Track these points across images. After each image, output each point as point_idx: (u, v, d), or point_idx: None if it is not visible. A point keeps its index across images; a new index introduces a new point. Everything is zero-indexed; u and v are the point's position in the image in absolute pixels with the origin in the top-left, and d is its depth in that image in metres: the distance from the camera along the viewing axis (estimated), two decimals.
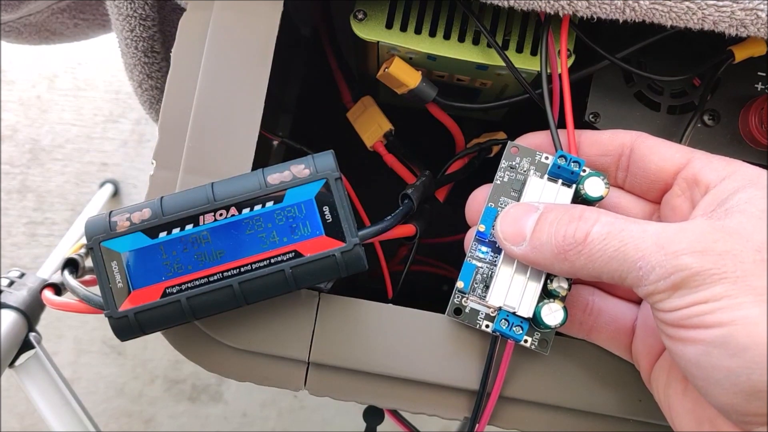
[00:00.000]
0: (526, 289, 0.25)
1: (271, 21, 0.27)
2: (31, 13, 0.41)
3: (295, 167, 0.24)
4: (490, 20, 0.29)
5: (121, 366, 0.84)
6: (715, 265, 0.19)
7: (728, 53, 0.29)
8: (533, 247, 0.23)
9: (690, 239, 0.20)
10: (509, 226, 0.24)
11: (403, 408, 0.27)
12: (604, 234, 0.21)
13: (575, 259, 0.22)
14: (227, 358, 0.27)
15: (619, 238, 0.21)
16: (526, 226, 0.23)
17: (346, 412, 0.84)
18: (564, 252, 0.22)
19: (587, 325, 0.26)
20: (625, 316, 0.26)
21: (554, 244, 0.22)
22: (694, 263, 0.19)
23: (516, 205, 0.25)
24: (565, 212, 0.23)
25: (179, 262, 0.23)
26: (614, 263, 0.21)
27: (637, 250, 0.20)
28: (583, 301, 0.27)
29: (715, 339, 0.19)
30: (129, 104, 0.90)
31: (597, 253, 0.21)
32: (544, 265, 0.23)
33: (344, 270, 0.24)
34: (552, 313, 0.24)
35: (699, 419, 0.22)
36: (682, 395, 0.23)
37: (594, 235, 0.21)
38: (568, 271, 0.22)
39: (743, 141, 0.31)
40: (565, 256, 0.22)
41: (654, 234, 0.21)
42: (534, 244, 0.23)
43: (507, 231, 0.24)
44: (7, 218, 0.87)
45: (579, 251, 0.22)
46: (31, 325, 0.48)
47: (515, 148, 0.27)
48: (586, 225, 0.22)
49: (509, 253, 0.24)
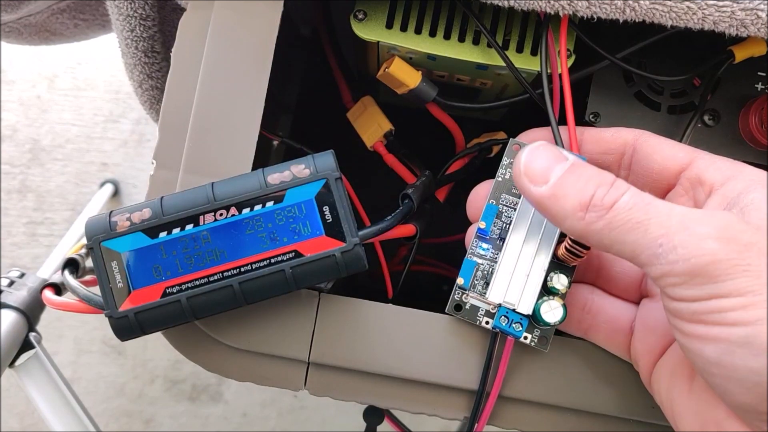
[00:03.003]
0: (526, 286, 0.25)
1: (271, 21, 0.27)
2: (31, 13, 0.41)
3: (295, 167, 0.24)
4: (490, 20, 0.29)
5: (121, 366, 0.84)
6: (740, 255, 0.19)
7: (728, 53, 0.29)
8: (553, 194, 0.22)
9: (717, 225, 0.19)
10: (536, 163, 0.23)
11: (403, 408, 0.27)
12: (631, 204, 0.20)
13: (594, 222, 0.21)
14: (227, 358, 0.27)
15: (645, 211, 0.20)
16: (553, 170, 0.22)
17: (346, 412, 0.84)
18: (584, 210, 0.21)
19: (585, 323, 0.26)
20: (623, 315, 0.26)
21: (578, 199, 0.21)
22: (719, 250, 0.19)
23: (546, 145, 0.23)
24: (597, 174, 0.22)
25: (179, 262, 0.23)
26: (634, 235, 0.20)
27: (661, 227, 0.20)
28: (581, 299, 0.26)
29: (738, 338, 0.18)
30: (129, 104, 0.90)
31: (619, 221, 0.20)
32: (555, 216, 0.22)
33: (344, 270, 0.24)
34: (551, 310, 0.24)
35: (704, 421, 0.21)
36: (687, 396, 0.22)
37: (621, 203, 0.21)
38: (579, 230, 0.21)
39: (743, 141, 0.31)
40: (585, 216, 0.21)
41: (680, 214, 0.20)
42: (556, 192, 0.22)
43: (532, 168, 0.23)
44: (7, 218, 0.87)
45: (601, 215, 0.21)
46: (31, 325, 0.48)
47: (517, 145, 0.27)
48: (616, 192, 0.21)
49: (525, 191, 0.23)
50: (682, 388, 0.23)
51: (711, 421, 0.21)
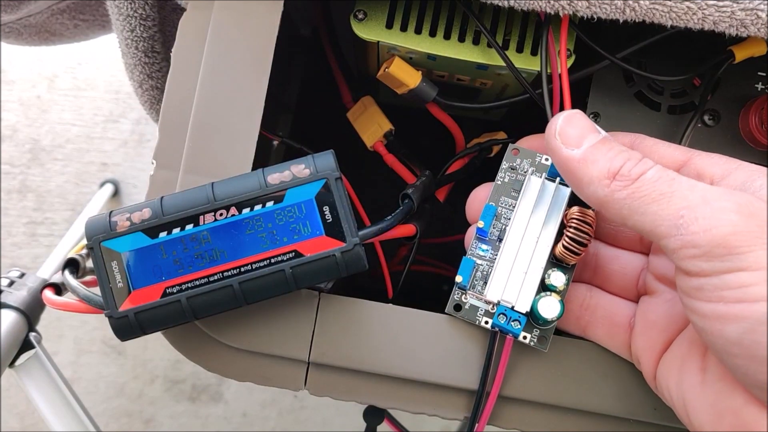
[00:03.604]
0: (524, 284, 0.25)
1: (271, 21, 0.27)
2: (30, 14, 0.41)
3: (295, 167, 0.24)
4: (490, 20, 0.29)
5: (121, 366, 0.84)
6: (760, 229, 0.19)
7: (728, 53, 0.29)
8: (584, 158, 0.23)
9: (737, 201, 0.20)
10: (572, 127, 0.24)
11: (404, 408, 0.27)
12: (656, 177, 0.21)
13: (618, 190, 0.21)
14: (227, 358, 0.27)
15: (668, 184, 0.21)
16: (587, 137, 0.23)
17: (346, 412, 0.84)
18: (611, 178, 0.22)
19: (584, 320, 0.27)
20: (621, 311, 0.26)
21: (606, 167, 0.22)
22: (740, 222, 0.19)
23: (583, 114, 0.24)
24: (627, 149, 0.23)
25: (179, 262, 0.23)
26: (656, 206, 0.21)
27: (684, 200, 0.20)
28: (579, 296, 0.27)
29: (761, 315, 0.18)
30: (129, 104, 0.90)
31: (643, 191, 0.21)
32: (580, 180, 0.23)
33: (344, 270, 0.24)
34: (549, 306, 0.25)
35: (720, 412, 0.21)
36: (700, 388, 0.22)
37: (648, 175, 0.21)
38: (601, 197, 0.22)
39: (743, 141, 0.31)
40: (609, 184, 0.22)
41: (702, 189, 0.20)
42: (586, 156, 0.23)
43: (568, 131, 0.23)
44: (7, 218, 0.87)
45: (626, 185, 0.21)
46: (31, 325, 0.48)
47: (516, 149, 0.27)
48: (644, 165, 0.22)
49: (555, 151, 0.24)
50: (693, 380, 0.22)
51: (728, 411, 0.21)
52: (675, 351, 0.24)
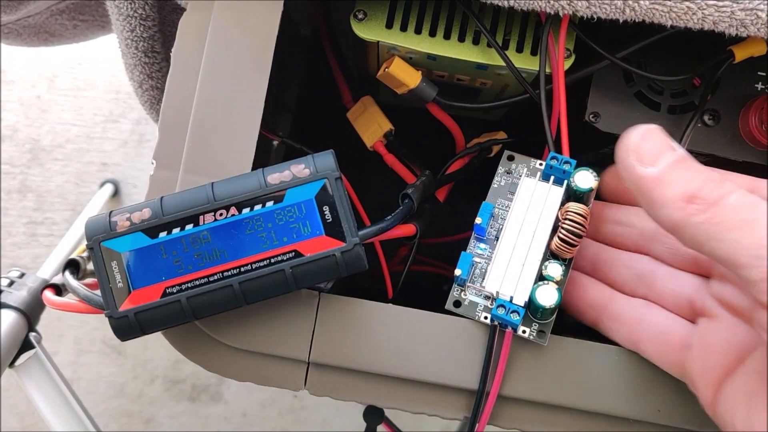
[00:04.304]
0: (521, 276, 0.26)
1: (271, 21, 0.27)
2: (30, 14, 0.41)
3: (295, 167, 0.24)
4: (490, 20, 0.29)
5: (121, 366, 0.84)
6: None
7: (728, 53, 0.29)
8: (659, 178, 0.21)
9: None
10: (649, 143, 0.22)
11: (404, 408, 0.27)
12: (738, 203, 0.20)
13: (694, 215, 0.20)
14: (227, 358, 0.27)
15: (751, 211, 0.19)
16: (664, 155, 0.21)
17: (346, 412, 0.84)
18: (689, 201, 0.20)
19: (638, 335, 0.26)
20: (675, 330, 0.25)
21: (683, 189, 0.20)
22: None
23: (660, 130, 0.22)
24: (706, 169, 0.21)
25: (179, 262, 0.23)
26: (736, 234, 0.19)
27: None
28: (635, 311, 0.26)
29: None
30: (129, 104, 0.90)
31: (722, 218, 0.20)
32: (654, 201, 0.21)
33: (344, 270, 0.24)
34: (547, 294, 0.25)
35: None
36: None
37: (729, 200, 0.20)
38: (676, 221, 0.21)
39: (743, 141, 0.31)
40: (686, 207, 0.20)
41: None
42: (662, 176, 0.21)
43: (644, 147, 0.22)
44: (7, 218, 0.87)
45: (704, 209, 0.20)
46: (31, 325, 0.48)
47: (511, 155, 0.28)
48: (724, 189, 0.20)
49: (629, 168, 0.22)
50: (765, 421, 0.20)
51: None
52: (741, 384, 0.22)
